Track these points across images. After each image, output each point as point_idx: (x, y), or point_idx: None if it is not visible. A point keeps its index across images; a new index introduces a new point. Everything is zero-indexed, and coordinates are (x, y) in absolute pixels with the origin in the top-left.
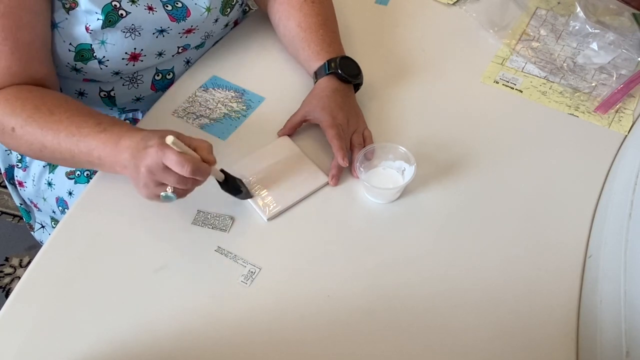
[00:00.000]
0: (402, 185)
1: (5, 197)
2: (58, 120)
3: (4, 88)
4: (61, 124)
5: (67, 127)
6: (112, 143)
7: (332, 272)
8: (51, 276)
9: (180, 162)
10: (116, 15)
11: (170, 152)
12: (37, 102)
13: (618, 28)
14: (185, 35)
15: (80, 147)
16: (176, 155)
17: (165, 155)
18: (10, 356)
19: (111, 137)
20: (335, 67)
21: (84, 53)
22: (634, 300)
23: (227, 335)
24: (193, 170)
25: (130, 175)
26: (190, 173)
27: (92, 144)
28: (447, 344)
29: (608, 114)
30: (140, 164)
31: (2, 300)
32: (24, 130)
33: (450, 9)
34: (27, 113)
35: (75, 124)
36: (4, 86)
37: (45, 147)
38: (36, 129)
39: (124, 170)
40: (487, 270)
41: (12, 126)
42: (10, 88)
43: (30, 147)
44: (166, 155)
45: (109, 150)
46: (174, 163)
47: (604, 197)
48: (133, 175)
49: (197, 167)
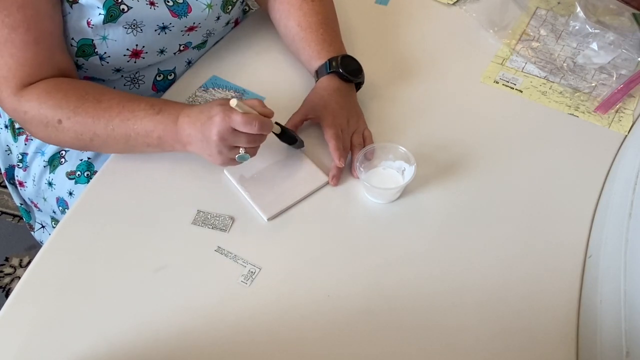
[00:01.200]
0: (402, 185)
1: (5, 197)
2: (108, 107)
3: (38, 82)
4: (112, 111)
5: (120, 113)
6: (171, 122)
7: (332, 272)
8: (51, 276)
9: (248, 121)
10: (118, 10)
11: (236, 114)
12: (81, 92)
13: (618, 28)
14: (187, 32)
15: (137, 129)
16: (242, 117)
17: (232, 119)
18: (10, 356)
19: (169, 116)
20: (336, 65)
21: (85, 48)
22: (634, 300)
23: (227, 335)
24: (260, 126)
25: (196, 148)
26: (258, 129)
27: (150, 125)
28: (447, 344)
29: (608, 114)
30: (210, 133)
31: (2, 300)
32: (73, 120)
33: (450, 9)
34: (74, 104)
35: (127, 109)
36: (35, 78)
37: (97, 136)
38: (86, 118)
39: (188, 146)
40: (487, 270)
41: (58, 118)
42: (47, 81)
43: (78, 137)
44: (233, 119)
45: (169, 129)
46: (242, 124)
47: (604, 197)
48: (203, 147)
49: (263, 122)
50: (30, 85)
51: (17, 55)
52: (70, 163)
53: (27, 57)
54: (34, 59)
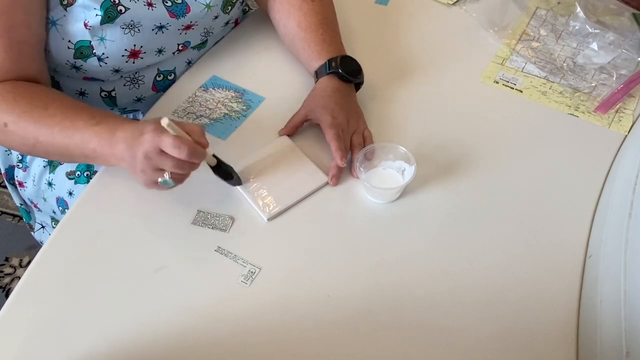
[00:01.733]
0: (402, 185)
1: (5, 197)
2: (52, 115)
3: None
4: (55, 118)
5: (61, 122)
6: (107, 135)
7: (332, 272)
8: (51, 276)
9: (177, 145)
10: (115, 11)
11: (166, 136)
12: (31, 97)
13: (618, 28)
14: (184, 31)
15: (75, 140)
16: (172, 139)
17: (161, 140)
18: (10, 356)
19: (106, 129)
20: (335, 66)
21: (83, 50)
22: (634, 300)
23: (227, 335)
24: (190, 152)
25: (126, 165)
26: (187, 156)
27: (86, 137)
28: (447, 344)
29: (608, 114)
30: (137, 150)
31: (2, 300)
32: (18, 125)
33: (450, 9)
34: (21, 108)
35: (69, 119)
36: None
37: (38, 142)
38: (30, 123)
39: (120, 162)
40: (487, 270)
41: (4, 122)
42: (3, 84)
43: (23, 142)
44: (162, 140)
45: (103, 142)
46: (170, 146)
47: (604, 197)
48: (130, 163)
49: (194, 149)
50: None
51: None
52: (70, 163)
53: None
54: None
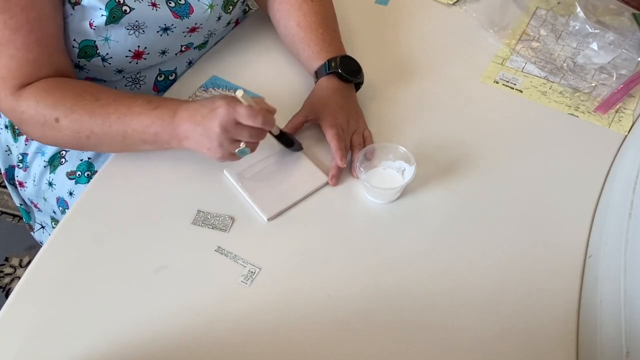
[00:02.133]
0: (402, 185)
1: (5, 197)
2: (105, 104)
3: (36, 82)
4: (109, 107)
5: (117, 109)
6: (169, 117)
7: (332, 272)
8: (51, 276)
9: (253, 114)
10: (120, 12)
11: (241, 107)
12: (78, 91)
13: (618, 28)
14: (189, 34)
15: (134, 126)
16: (247, 109)
17: (236, 112)
18: (10, 356)
19: (166, 111)
20: (335, 66)
21: (87, 50)
22: (634, 300)
23: (227, 335)
24: (264, 121)
25: (194, 143)
26: (262, 124)
27: (147, 121)
28: (447, 344)
29: (608, 114)
30: (212, 124)
31: (2, 300)
32: (70, 118)
33: (450, 9)
34: (71, 102)
35: (124, 105)
36: (33, 79)
37: (93, 133)
38: (84, 116)
39: (185, 141)
40: (487, 270)
41: (55, 117)
42: (44, 81)
43: (75, 135)
44: (237, 111)
45: (165, 124)
46: (246, 117)
47: (604, 197)
48: (200, 140)
49: (266, 117)
50: (29, 85)
51: (18, 56)
52: (71, 163)
53: (28, 58)
54: (34, 60)
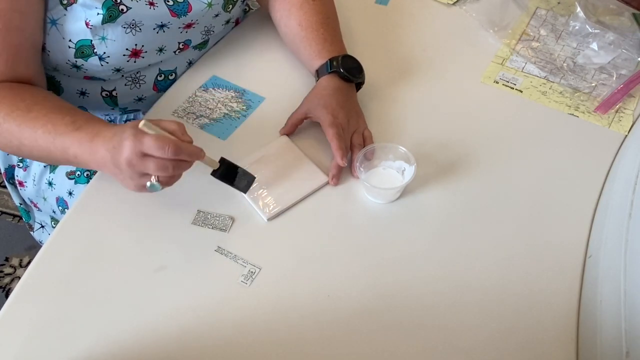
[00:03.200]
0: (402, 185)
1: (5, 197)
2: (35, 118)
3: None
4: (38, 122)
5: (44, 125)
6: (87, 141)
7: (332, 272)
8: (51, 276)
9: (159, 145)
10: (117, 11)
11: (147, 138)
12: (16, 99)
13: (618, 28)
14: (185, 30)
15: (57, 144)
16: (152, 139)
17: (142, 143)
18: (10, 356)
19: (86, 135)
20: (337, 65)
21: (84, 49)
22: (634, 300)
23: (227, 335)
24: (175, 150)
25: (109, 171)
26: (172, 153)
27: (67, 142)
28: (447, 344)
29: (608, 114)
30: (119, 158)
31: (2, 300)
32: (2, 127)
33: (450, 9)
34: (5, 111)
35: (51, 122)
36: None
37: (23, 145)
38: (13, 126)
39: (103, 168)
40: (487, 270)
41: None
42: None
43: (8, 143)
44: (143, 142)
45: (84, 148)
46: (153, 148)
47: (604, 197)
48: (113, 172)
49: (178, 146)
50: None
51: None
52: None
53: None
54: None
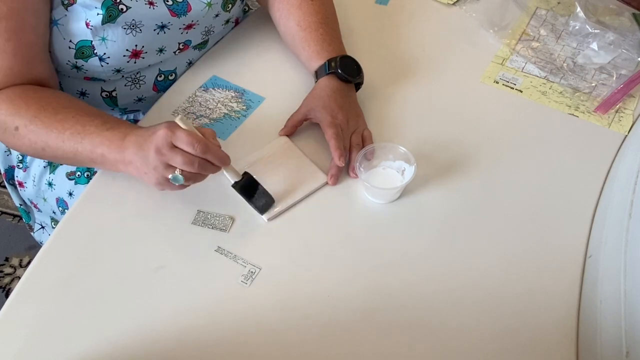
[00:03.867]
0: (402, 185)
1: (5, 197)
2: (63, 120)
3: (6, 88)
4: (66, 123)
5: (73, 126)
6: (118, 140)
7: (332, 272)
8: (51, 276)
9: (190, 140)
10: (117, 10)
11: (180, 131)
12: (43, 102)
13: (618, 28)
14: (185, 30)
15: (85, 144)
16: (186, 134)
17: (175, 135)
18: (10, 356)
19: (117, 134)
20: (335, 66)
21: (84, 50)
22: (634, 300)
23: (227, 335)
24: (203, 149)
25: (134, 169)
26: (201, 152)
27: (97, 140)
28: (447, 344)
29: (608, 114)
30: (150, 146)
31: (2, 300)
32: (28, 129)
33: (450, 9)
34: (33, 113)
35: (80, 123)
36: (6, 86)
37: (48, 146)
38: (41, 128)
39: (128, 167)
40: (487, 270)
41: (16, 125)
42: (13, 88)
43: (32, 145)
44: (176, 135)
45: (114, 147)
46: (184, 142)
47: (604, 197)
48: (140, 165)
49: (207, 146)
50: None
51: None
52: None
53: (2, 66)
54: (9, 68)
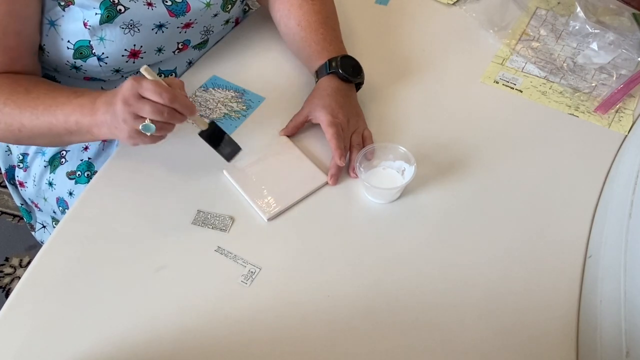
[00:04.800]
0: (402, 185)
1: (5, 197)
2: (35, 97)
3: None
4: (38, 100)
5: (44, 101)
6: (89, 104)
7: (332, 271)
8: (51, 276)
9: (157, 89)
10: (115, 10)
11: (146, 81)
12: (14, 85)
13: (618, 28)
14: (184, 30)
15: (58, 115)
16: (151, 83)
17: (140, 85)
18: (10, 356)
19: (88, 99)
20: (336, 66)
21: (82, 50)
22: (634, 300)
23: (227, 335)
24: (171, 98)
25: (107, 128)
26: (168, 101)
27: (69, 109)
28: (447, 343)
29: (608, 114)
30: (116, 100)
31: (2, 300)
32: (2, 112)
33: (450, 9)
34: (5, 96)
35: (51, 97)
36: None
37: (23, 126)
38: (14, 109)
39: (101, 129)
40: (487, 270)
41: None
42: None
43: (8, 128)
44: (142, 84)
45: (86, 111)
46: (150, 91)
47: (604, 197)
48: (110, 122)
49: (174, 95)
50: None
51: None
52: (71, 163)
53: None
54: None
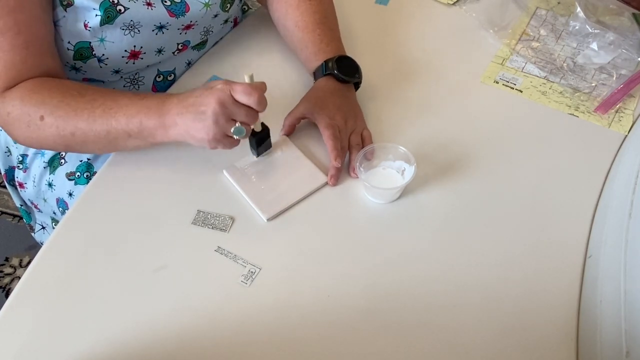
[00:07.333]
0: (402, 185)
1: (5, 197)
2: (91, 99)
3: (23, 82)
4: (95, 102)
5: (103, 103)
6: (156, 106)
7: (332, 271)
8: (51, 276)
9: (249, 90)
10: (114, 11)
11: (238, 83)
12: (64, 88)
13: (618, 28)
14: (184, 31)
15: (118, 117)
16: (244, 86)
17: (233, 88)
18: (10, 356)
19: (154, 100)
20: (332, 67)
21: (83, 51)
22: (634, 300)
23: (227, 335)
24: (259, 98)
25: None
26: (257, 102)
27: (133, 110)
28: (447, 344)
29: (608, 114)
30: (208, 101)
31: (2, 300)
32: (55, 115)
33: (450, 9)
34: (58, 99)
35: (111, 99)
36: (20, 81)
37: (78, 129)
38: (69, 111)
39: (169, 130)
40: (487, 270)
41: (40, 114)
42: (32, 80)
43: (60, 133)
44: (234, 87)
45: (152, 113)
46: (243, 93)
47: (604, 197)
48: (192, 123)
49: (261, 97)
50: (15, 86)
51: (4, 58)
52: (70, 164)
53: (15, 60)
54: (21, 62)
